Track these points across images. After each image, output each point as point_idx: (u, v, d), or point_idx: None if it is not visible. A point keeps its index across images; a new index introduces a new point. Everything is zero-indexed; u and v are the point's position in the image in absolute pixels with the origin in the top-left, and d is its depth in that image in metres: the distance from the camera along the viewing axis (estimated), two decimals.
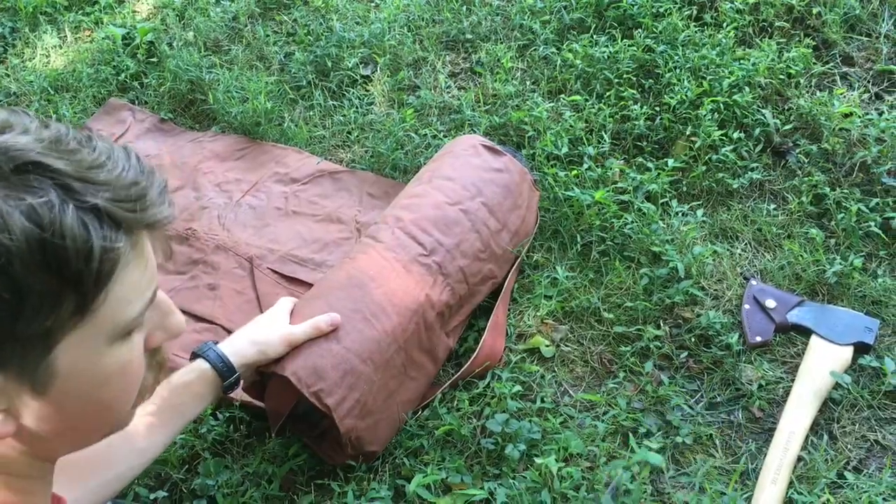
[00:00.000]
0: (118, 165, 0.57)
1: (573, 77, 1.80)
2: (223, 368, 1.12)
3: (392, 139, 1.74)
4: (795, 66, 1.69)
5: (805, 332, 1.33)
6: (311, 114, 1.90)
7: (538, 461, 1.16)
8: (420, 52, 1.98)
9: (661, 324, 1.38)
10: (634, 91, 1.72)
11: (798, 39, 1.78)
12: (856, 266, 1.37)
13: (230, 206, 1.73)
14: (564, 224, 1.53)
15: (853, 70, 1.73)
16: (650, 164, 1.60)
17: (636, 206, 1.51)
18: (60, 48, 2.25)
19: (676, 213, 1.51)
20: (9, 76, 2.17)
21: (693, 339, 1.34)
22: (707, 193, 1.57)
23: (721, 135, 1.59)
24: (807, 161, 1.58)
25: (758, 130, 1.61)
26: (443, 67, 1.94)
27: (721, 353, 1.31)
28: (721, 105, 1.63)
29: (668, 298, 1.38)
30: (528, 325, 1.40)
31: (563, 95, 1.78)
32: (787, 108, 1.66)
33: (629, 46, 1.79)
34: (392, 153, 1.72)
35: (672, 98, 1.66)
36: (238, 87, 1.95)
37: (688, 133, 1.62)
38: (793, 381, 1.26)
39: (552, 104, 1.76)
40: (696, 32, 1.79)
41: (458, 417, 1.26)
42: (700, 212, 1.51)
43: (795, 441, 1.17)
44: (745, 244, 1.49)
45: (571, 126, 1.67)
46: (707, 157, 1.59)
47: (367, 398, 1.16)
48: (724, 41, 1.74)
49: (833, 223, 1.47)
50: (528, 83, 1.84)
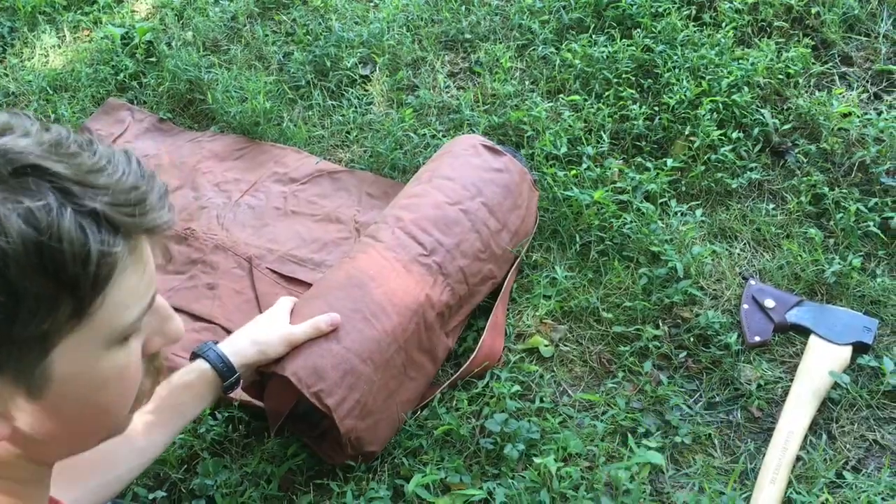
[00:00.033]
0: (118, 170, 0.56)
1: (572, 77, 1.80)
2: (223, 369, 1.12)
3: (391, 139, 1.74)
4: (794, 66, 1.69)
5: (804, 332, 1.33)
6: (310, 113, 1.90)
7: (537, 461, 1.16)
8: (419, 52, 1.98)
9: (660, 323, 1.38)
10: (633, 91, 1.73)
11: (797, 39, 1.78)
12: (854, 266, 1.37)
13: (229, 206, 1.73)
14: (563, 224, 1.53)
15: (852, 70, 1.73)
16: (649, 164, 1.60)
17: (635, 206, 1.51)
18: (59, 48, 2.25)
19: (675, 213, 1.51)
20: (7, 76, 2.16)
21: (692, 339, 1.34)
22: (706, 193, 1.57)
23: (720, 135, 1.59)
24: (805, 161, 1.58)
25: (756, 130, 1.61)
26: (442, 67, 1.94)
27: (720, 353, 1.31)
28: (720, 105, 1.63)
29: (667, 298, 1.38)
30: (527, 325, 1.40)
31: (562, 95, 1.78)
32: (786, 108, 1.66)
33: (628, 46, 1.79)
34: (391, 153, 1.72)
35: (671, 98, 1.66)
36: (237, 87, 1.95)
37: (687, 133, 1.62)
38: (791, 381, 1.27)
39: (551, 104, 1.76)
40: (695, 32, 1.79)
41: (457, 417, 1.26)
42: (699, 211, 1.51)
43: (794, 441, 1.18)
44: (744, 244, 1.49)
45: (570, 126, 1.67)
46: (706, 157, 1.59)
47: (367, 398, 1.16)
48: (723, 41, 1.74)
49: (832, 223, 1.47)
50: (527, 83, 1.84)
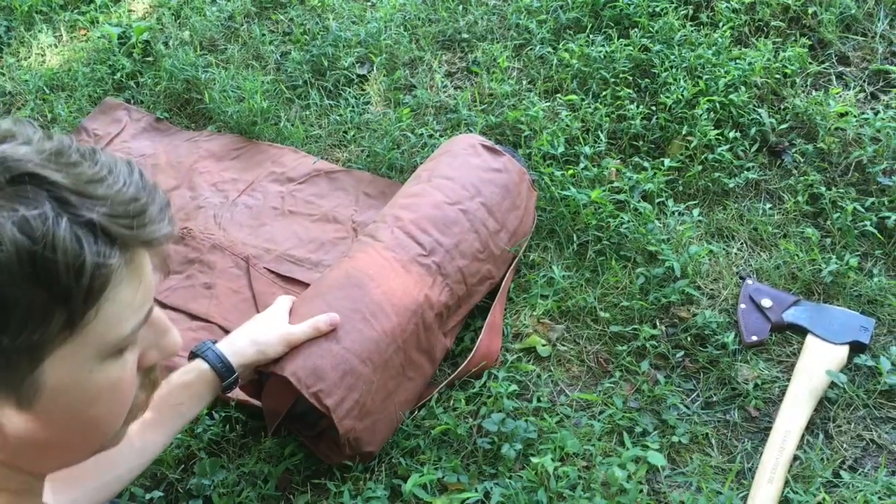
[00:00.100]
0: (119, 180, 0.56)
1: (569, 76, 1.80)
2: (222, 368, 1.12)
3: (388, 139, 1.74)
4: (791, 66, 1.69)
5: (801, 332, 1.33)
6: (308, 113, 1.90)
7: (534, 460, 1.16)
8: (416, 52, 1.98)
9: (658, 323, 1.38)
10: (630, 90, 1.73)
11: (794, 39, 1.78)
12: (851, 265, 1.37)
13: (226, 206, 1.73)
14: (561, 223, 1.53)
15: (849, 69, 1.73)
16: (646, 164, 1.60)
17: (632, 206, 1.51)
18: (56, 47, 2.24)
19: (672, 213, 1.51)
20: (4, 75, 2.16)
21: (689, 339, 1.34)
22: (703, 193, 1.57)
23: (717, 134, 1.59)
24: (802, 160, 1.58)
25: (754, 130, 1.61)
26: (439, 67, 1.94)
27: (717, 353, 1.32)
28: (717, 104, 1.64)
29: (665, 298, 1.38)
30: (525, 325, 1.40)
31: (560, 95, 1.78)
32: (783, 108, 1.66)
33: (625, 46, 1.79)
34: (388, 153, 1.72)
35: (668, 97, 1.66)
36: (234, 87, 1.95)
37: (684, 132, 1.62)
38: (789, 381, 1.27)
39: (548, 104, 1.76)
40: (693, 32, 1.79)
41: (455, 417, 1.26)
42: (696, 211, 1.51)
43: (791, 440, 1.18)
44: (741, 243, 1.49)
45: (568, 125, 1.67)
46: (703, 157, 1.59)
47: (366, 399, 1.16)
48: (721, 41, 1.74)
49: (829, 223, 1.48)
50: (525, 83, 1.84)
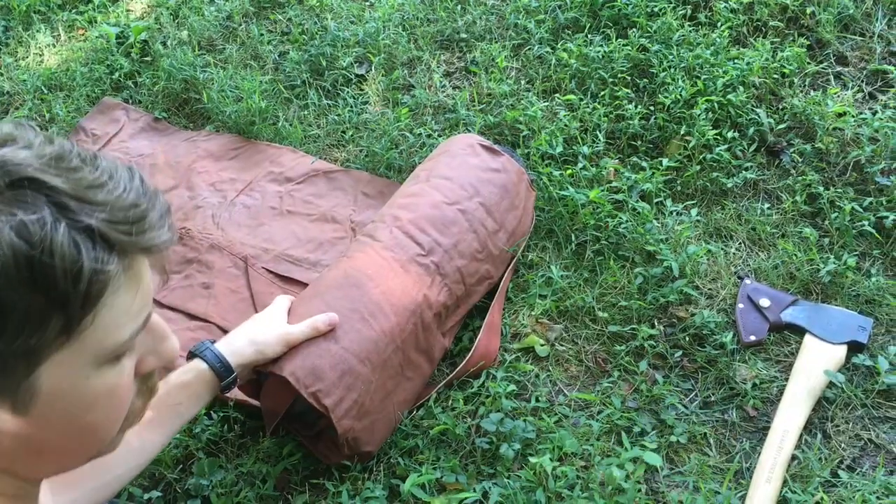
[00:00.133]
0: (119, 186, 0.56)
1: (568, 76, 1.80)
2: (221, 368, 1.11)
3: (387, 138, 1.74)
4: (789, 66, 1.69)
5: (799, 331, 1.33)
6: (306, 113, 1.90)
7: (533, 460, 1.16)
8: (415, 52, 1.98)
9: (656, 323, 1.38)
10: (629, 90, 1.73)
11: (792, 39, 1.78)
12: (849, 265, 1.37)
13: (224, 206, 1.73)
14: (559, 223, 1.53)
15: (847, 69, 1.73)
16: (644, 164, 1.60)
17: (630, 206, 1.51)
18: (54, 47, 2.24)
19: (671, 213, 1.51)
20: (2, 75, 2.16)
21: (687, 339, 1.34)
22: (701, 193, 1.58)
23: (715, 134, 1.59)
24: (801, 160, 1.58)
25: (752, 130, 1.61)
26: (437, 67, 1.94)
27: (715, 353, 1.32)
28: (715, 104, 1.64)
29: (663, 297, 1.38)
30: (523, 325, 1.40)
31: (558, 95, 1.78)
32: (781, 108, 1.66)
33: (624, 46, 1.79)
34: (387, 152, 1.72)
35: (666, 97, 1.66)
36: (232, 87, 1.94)
37: (682, 132, 1.62)
38: (787, 380, 1.27)
39: (547, 103, 1.76)
40: (691, 32, 1.79)
41: (453, 417, 1.26)
42: (694, 211, 1.51)
43: (789, 440, 1.18)
44: (740, 243, 1.49)
45: (566, 125, 1.67)
46: (701, 157, 1.59)
47: (365, 398, 1.16)
48: (719, 41, 1.74)
49: (827, 222, 1.48)
50: (523, 82, 1.84)
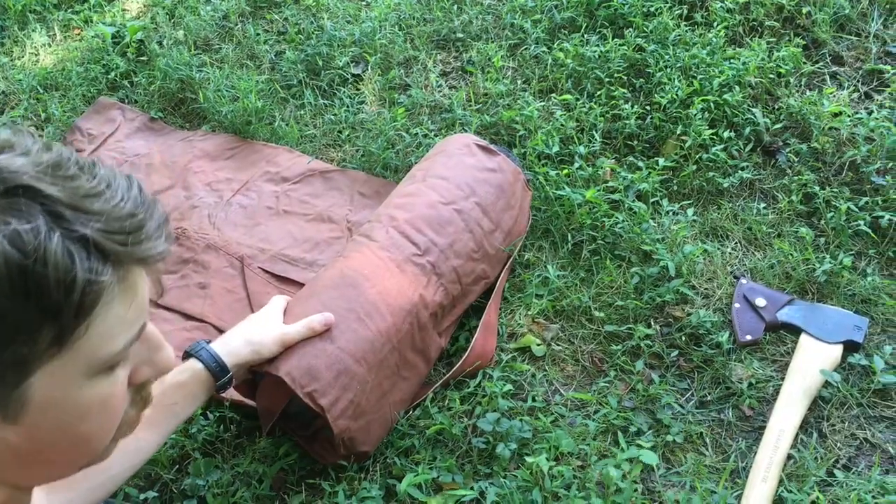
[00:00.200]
0: (116, 195, 0.55)
1: (564, 76, 1.80)
2: (216, 368, 1.11)
3: (383, 138, 1.74)
4: (785, 66, 1.70)
5: (795, 331, 1.33)
6: (302, 113, 1.90)
7: (529, 460, 1.16)
8: (411, 51, 1.98)
9: (652, 322, 1.38)
10: (625, 90, 1.73)
11: (788, 39, 1.78)
12: (845, 265, 1.37)
13: (221, 206, 1.73)
14: (555, 223, 1.53)
15: (843, 69, 1.74)
16: (641, 164, 1.60)
17: (627, 205, 1.51)
18: (50, 46, 2.24)
19: (667, 212, 1.51)
20: None
21: (683, 338, 1.34)
22: (697, 192, 1.58)
23: (711, 134, 1.60)
24: (796, 160, 1.58)
25: (748, 129, 1.62)
26: (434, 66, 1.94)
27: (711, 352, 1.32)
28: (711, 104, 1.64)
29: (659, 297, 1.38)
30: (520, 325, 1.40)
31: (554, 94, 1.78)
32: (777, 108, 1.66)
33: (620, 46, 1.79)
34: (383, 152, 1.72)
35: (663, 97, 1.66)
36: (228, 86, 1.94)
37: (678, 132, 1.62)
38: (783, 380, 1.27)
39: (543, 103, 1.76)
40: (687, 32, 1.79)
41: (450, 417, 1.26)
42: (690, 211, 1.52)
43: (785, 439, 1.18)
44: (736, 243, 1.49)
45: (562, 125, 1.67)
46: (697, 157, 1.59)
47: (361, 399, 1.16)
48: (715, 40, 1.75)
49: (823, 222, 1.48)
50: (519, 82, 1.84)
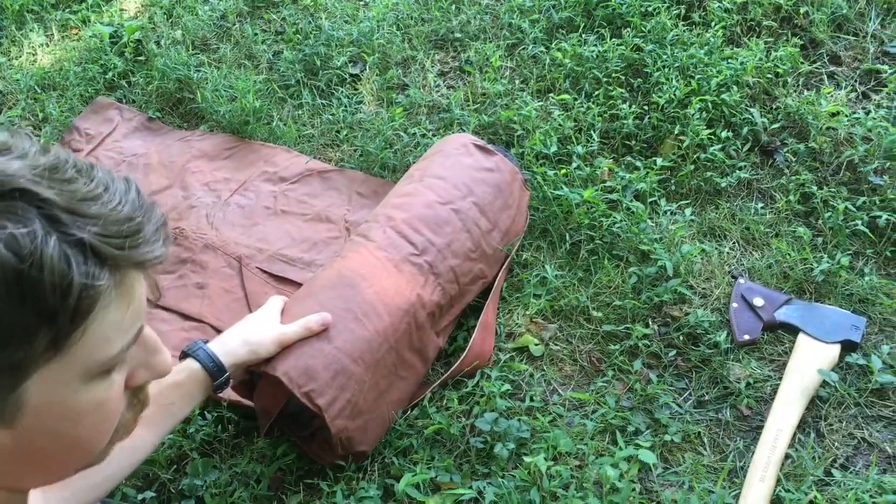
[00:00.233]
0: (114, 199, 0.55)
1: (562, 76, 1.80)
2: (213, 368, 1.11)
3: (381, 138, 1.74)
4: (783, 66, 1.70)
5: (792, 331, 1.34)
6: (300, 113, 1.90)
7: (527, 460, 1.16)
8: (409, 51, 1.98)
9: (650, 322, 1.38)
10: (623, 90, 1.73)
11: (786, 39, 1.79)
12: (843, 264, 1.37)
13: (218, 206, 1.72)
14: (553, 223, 1.53)
15: (840, 69, 1.74)
16: (639, 163, 1.60)
17: (625, 205, 1.51)
18: (47, 46, 2.23)
19: (665, 212, 1.52)
20: None
21: (681, 338, 1.35)
22: (695, 192, 1.58)
23: (709, 134, 1.60)
24: (794, 160, 1.58)
25: (745, 129, 1.62)
26: (432, 66, 1.93)
27: (709, 352, 1.32)
28: (709, 104, 1.64)
29: (657, 297, 1.38)
30: (518, 324, 1.40)
31: (552, 94, 1.78)
32: (775, 107, 1.67)
33: (618, 45, 1.79)
34: (381, 152, 1.72)
35: (660, 97, 1.66)
36: (226, 86, 1.94)
37: (676, 132, 1.62)
38: (780, 379, 1.27)
39: (541, 103, 1.76)
40: (685, 32, 1.79)
41: (448, 416, 1.26)
42: (688, 210, 1.52)
43: (783, 439, 1.18)
44: (733, 243, 1.49)
45: (560, 125, 1.67)
46: (695, 156, 1.59)
47: (358, 398, 1.16)
48: (713, 40, 1.75)
49: (820, 222, 1.48)
50: (517, 82, 1.84)
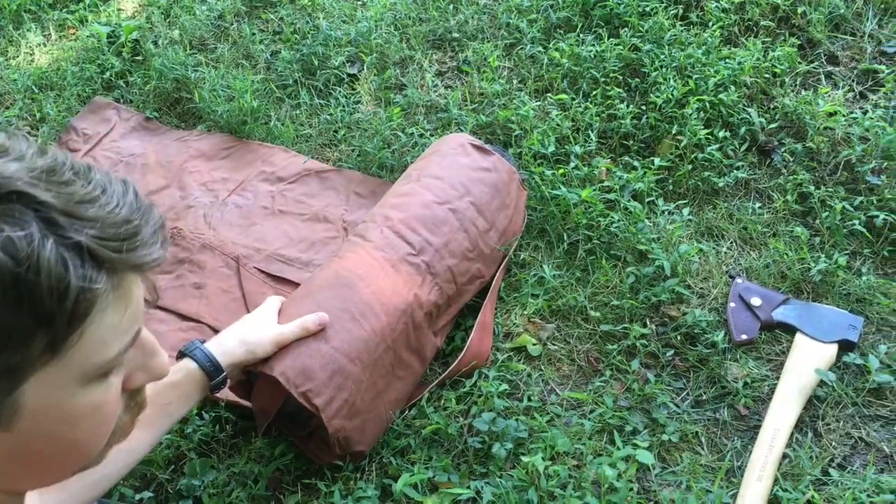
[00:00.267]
0: (112, 201, 0.54)
1: (560, 76, 1.80)
2: (210, 368, 1.11)
3: (379, 138, 1.74)
4: (780, 66, 1.70)
5: (790, 330, 1.34)
6: (298, 112, 1.90)
7: (525, 460, 1.16)
8: (407, 51, 1.98)
9: (648, 322, 1.38)
10: (621, 90, 1.73)
11: (783, 38, 1.79)
12: (840, 264, 1.38)
13: (216, 205, 1.72)
14: (551, 223, 1.53)
15: (838, 69, 1.74)
16: (636, 163, 1.60)
17: (622, 205, 1.51)
18: (45, 46, 2.23)
19: (662, 212, 1.52)
20: None
21: (679, 338, 1.35)
22: (693, 192, 1.58)
23: (707, 134, 1.60)
24: (792, 160, 1.58)
25: (743, 129, 1.62)
26: (429, 66, 1.93)
27: (707, 351, 1.32)
28: (707, 104, 1.64)
29: (655, 297, 1.38)
30: (515, 324, 1.40)
31: (550, 94, 1.78)
32: (773, 107, 1.67)
33: (615, 45, 1.79)
34: (379, 152, 1.72)
35: (658, 97, 1.66)
36: (224, 86, 1.94)
37: (674, 132, 1.62)
38: (778, 379, 1.27)
39: (539, 103, 1.76)
40: (682, 31, 1.79)
41: (445, 416, 1.26)
42: (686, 210, 1.52)
43: (780, 438, 1.18)
44: (731, 242, 1.49)
45: (558, 125, 1.67)
46: (693, 156, 1.59)
47: (356, 398, 1.16)
48: (710, 40, 1.75)
49: (818, 221, 1.48)
50: (515, 82, 1.84)
